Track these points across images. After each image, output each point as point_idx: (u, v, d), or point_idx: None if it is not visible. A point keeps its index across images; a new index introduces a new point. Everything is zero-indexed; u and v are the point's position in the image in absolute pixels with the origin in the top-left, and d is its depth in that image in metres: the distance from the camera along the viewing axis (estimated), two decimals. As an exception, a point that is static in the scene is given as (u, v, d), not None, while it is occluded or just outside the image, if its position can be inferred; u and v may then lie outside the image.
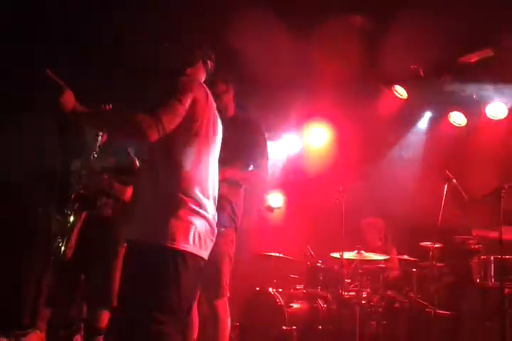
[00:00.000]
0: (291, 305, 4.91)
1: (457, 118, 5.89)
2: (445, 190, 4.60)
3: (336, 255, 4.81)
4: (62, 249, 3.39)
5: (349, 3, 4.97)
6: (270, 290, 4.97)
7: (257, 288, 5.10)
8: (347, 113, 6.00)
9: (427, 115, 6.03)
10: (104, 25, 4.69)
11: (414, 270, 4.86)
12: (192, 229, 2.27)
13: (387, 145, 5.96)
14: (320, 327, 4.80)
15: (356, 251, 4.87)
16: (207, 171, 2.41)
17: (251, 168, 3.49)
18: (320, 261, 5.12)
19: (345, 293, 4.82)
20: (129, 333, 2.21)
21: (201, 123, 2.37)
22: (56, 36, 4.71)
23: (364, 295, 4.79)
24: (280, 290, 5.03)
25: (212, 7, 4.71)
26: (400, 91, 6.12)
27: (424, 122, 6.03)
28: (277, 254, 5.27)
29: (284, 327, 4.69)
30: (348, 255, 4.81)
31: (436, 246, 4.72)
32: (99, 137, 3.45)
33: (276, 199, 6.49)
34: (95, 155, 3.47)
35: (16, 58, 4.59)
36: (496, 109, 5.63)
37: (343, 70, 5.43)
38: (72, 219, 3.43)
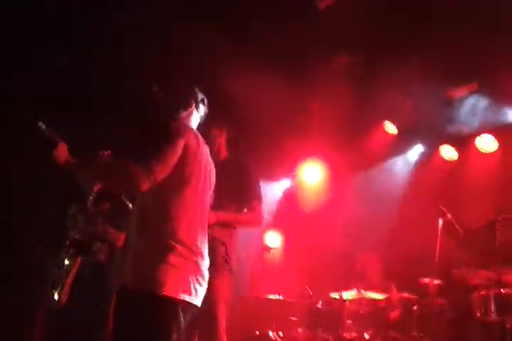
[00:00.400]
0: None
1: (448, 152, 5.93)
2: (440, 224, 4.60)
3: (336, 295, 4.75)
4: (56, 295, 3.37)
5: (335, 44, 5.12)
6: (270, 333, 4.89)
7: (257, 332, 5.02)
8: (340, 150, 6.05)
9: (418, 149, 6.06)
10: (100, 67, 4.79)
11: (415, 308, 4.79)
12: (182, 276, 2.26)
13: (379, 181, 5.98)
14: (323, 370, 4.69)
15: (355, 290, 4.81)
16: (198, 217, 2.41)
17: (245, 210, 3.50)
18: (319, 302, 5.04)
19: (347, 335, 4.72)
20: None
21: (192, 169, 2.39)
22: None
23: (366, 337, 4.70)
24: (280, 333, 4.94)
25: (204, 53, 4.83)
26: (390, 127, 6.20)
27: (415, 156, 6.06)
28: (276, 296, 5.21)
29: (286, 373, 4.59)
30: (347, 295, 4.75)
31: (436, 282, 4.67)
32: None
33: (273, 239, 6.46)
34: (91, 200, 3.49)
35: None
36: (485, 142, 5.67)
37: (333, 110, 5.53)
38: (67, 264, 3.43)
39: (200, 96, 2.66)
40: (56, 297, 3.38)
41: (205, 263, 2.42)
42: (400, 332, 4.78)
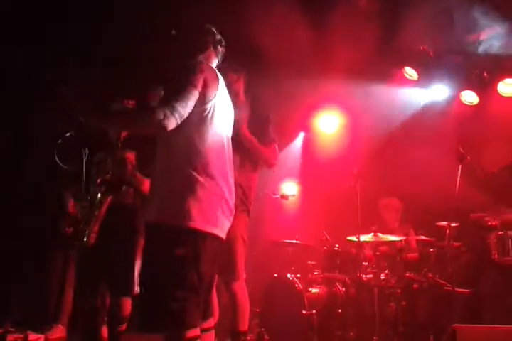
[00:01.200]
0: (310, 289, 4.92)
1: (469, 97, 5.83)
2: (460, 168, 4.57)
3: (353, 238, 4.80)
4: (87, 233, 3.46)
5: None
6: (288, 276, 4.98)
7: (275, 275, 5.12)
8: (358, 98, 5.97)
9: (438, 94, 5.96)
10: (116, 14, 4.75)
11: (432, 250, 4.84)
12: (209, 209, 2.31)
13: (399, 126, 5.92)
14: (340, 310, 4.79)
15: (372, 234, 4.86)
16: (222, 151, 2.44)
17: None
18: (337, 245, 5.11)
19: (364, 276, 4.80)
20: (151, 311, 2.28)
21: (213, 104, 2.40)
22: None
23: (382, 277, 4.77)
24: (298, 275, 5.04)
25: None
26: (410, 73, 6.09)
27: (435, 102, 5.96)
28: (294, 241, 5.28)
29: (303, 312, 4.70)
30: (365, 237, 4.80)
31: (453, 225, 4.68)
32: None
33: (290, 187, 6.48)
34: (119, 146, 3.53)
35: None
36: (507, 86, 5.56)
37: (352, 54, 5.42)
38: (97, 202, 3.51)
39: (218, 37, 2.63)
40: (86, 235, 3.46)
41: (232, 197, 2.46)
42: (415, 273, 4.85)
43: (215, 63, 2.64)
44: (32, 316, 4.95)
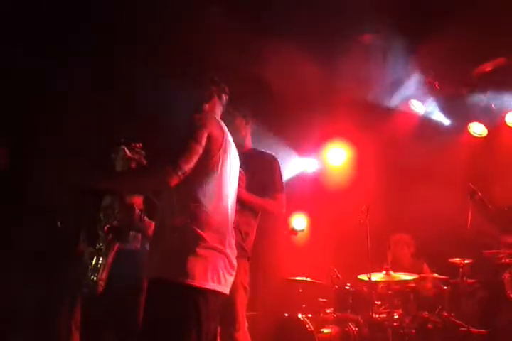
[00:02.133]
0: (322, 330, 4.80)
1: (477, 129, 5.80)
2: (470, 203, 4.52)
3: (364, 277, 4.70)
4: (95, 281, 3.43)
5: (359, 22, 5.03)
6: (299, 316, 4.88)
7: (286, 314, 5.02)
8: (365, 131, 5.96)
9: (447, 127, 5.93)
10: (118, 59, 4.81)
11: (446, 288, 4.73)
12: (211, 265, 2.28)
13: (407, 162, 5.86)
14: (353, 351, 4.67)
15: (384, 272, 4.76)
16: (225, 206, 2.42)
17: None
18: (348, 284, 5.01)
19: (377, 316, 4.68)
20: None
21: (218, 158, 2.39)
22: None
23: (396, 317, 4.65)
24: (310, 315, 4.93)
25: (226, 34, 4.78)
26: (417, 106, 6.08)
27: (443, 135, 5.93)
28: (304, 278, 5.18)
29: (316, 354, 4.58)
30: (376, 276, 4.70)
31: (466, 261, 4.59)
32: None
33: (299, 222, 6.42)
34: None
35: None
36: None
37: (359, 89, 5.45)
38: (104, 250, 3.48)
39: (222, 86, 2.65)
40: (94, 283, 3.43)
41: (234, 252, 2.43)
42: (430, 313, 4.73)
43: (219, 111, 2.64)
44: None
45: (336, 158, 6.61)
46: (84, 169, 2.52)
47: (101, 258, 3.47)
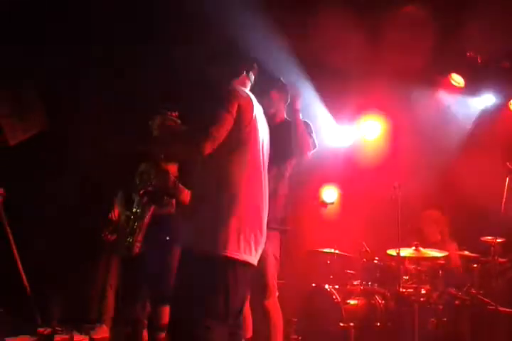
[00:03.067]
0: (348, 301, 4.86)
1: (518, 106, 5.63)
2: (507, 182, 4.44)
3: (393, 252, 4.70)
4: (132, 243, 3.54)
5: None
6: (326, 286, 4.94)
7: (313, 285, 5.08)
8: (402, 104, 5.86)
9: (486, 103, 5.77)
10: (155, 38, 4.82)
11: (475, 266, 4.70)
12: (242, 236, 2.33)
13: (444, 136, 5.76)
14: (378, 324, 4.72)
15: (414, 248, 4.74)
16: (258, 178, 2.45)
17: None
18: (376, 258, 5.02)
19: (404, 290, 4.70)
20: (177, 334, 2.31)
21: (249, 130, 2.42)
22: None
23: (423, 292, 4.66)
24: (337, 286, 4.98)
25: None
26: (457, 80, 5.92)
27: (483, 111, 5.78)
28: (332, 250, 5.22)
29: (341, 324, 4.65)
30: (406, 252, 4.69)
31: (499, 240, 4.54)
32: None
33: (330, 194, 6.41)
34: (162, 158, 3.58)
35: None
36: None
37: (399, 61, 5.32)
38: (140, 213, 3.58)
39: (252, 62, 2.68)
40: (130, 245, 3.53)
41: (265, 223, 2.48)
42: (458, 289, 4.72)
43: (249, 86, 2.67)
44: (75, 316, 5.10)
45: (370, 130, 6.54)
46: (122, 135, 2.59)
47: (137, 221, 3.58)
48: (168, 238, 3.71)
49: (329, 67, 5.36)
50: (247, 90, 2.61)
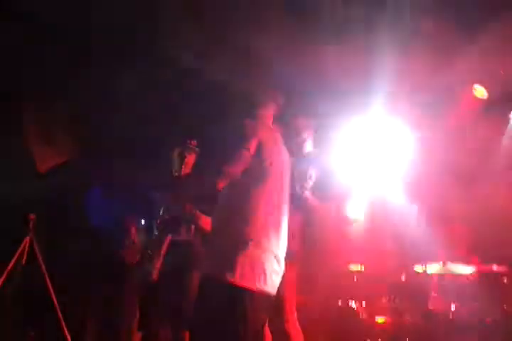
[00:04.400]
0: (376, 319, 4.82)
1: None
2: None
3: (420, 269, 4.64)
4: (149, 270, 3.60)
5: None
6: (353, 305, 4.90)
7: (339, 302, 5.05)
8: (426, 120, 5.80)
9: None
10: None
11: (506, 281, 4.61)
12: (259, 266, 2.37)
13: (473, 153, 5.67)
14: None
15: (441, 262, 4.68)
16: (278, 209, 2.50)
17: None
18: (403, 275, 4.97)
19: (432, 307, 4.64)
20: None
21: (269, 163, 2.47)
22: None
23: (452, 309, 4.59)
24: (364, 304, 4.94)
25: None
26: (480, 91, 5.84)
27: (505, 123, 5.70)
28: (359, 268, 5.19)
29: (368, 342, 4.61)
30: (433, 268, 4.63)
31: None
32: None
33: (355, 210, 6.37)
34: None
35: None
36: None
37: (418, 74, 5.29)
38: (157, 241, 3.65)
39: (278, 93, 2.70)
40: (148, 272, 3.59)
41: (283, 253, 2.52)
42: (488, 305, 4.62)
43: (272, 117, 2.69)
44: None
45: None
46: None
47: (154, 248, 3.64)
48: (186, 264, 3.75)
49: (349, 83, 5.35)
50: (271, 121, 2.65)
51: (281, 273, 2.49)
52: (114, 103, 5.22)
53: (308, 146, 3.55)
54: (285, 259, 2.84)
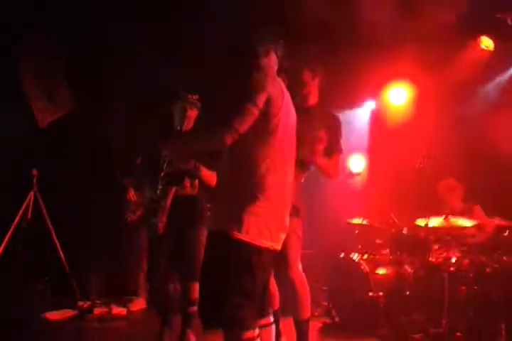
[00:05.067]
0: (377, 271, 4.89)
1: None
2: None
3: (422, 223, 4.67)
4: (154, 223, 3.63)
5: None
6: (354, 257, 4.98)
7: (342, 255, 5.13)
8: (429, 69, 5.71)
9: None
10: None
11: (507, 234, 4.66)
12: (264, 223, 2.38)
13: (471, 103, 5.62)
14: (407, 293, 4.74)
15: (444, 217, 4.70)
16: (284, 165, 2.48)
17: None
18: (405, 229, 5.01)
19: (433, 259, 4.70)
20: (209, 314, 2.40)
21: (277, 121, 2.42)
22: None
23: (453, 261, 4.65)
24: (365, 256, 5.02)
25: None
26: (487, 43, 5.73)
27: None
28: (360, 221, 5.23)
29: (370, 294, 4.70)
30: (435, 221, 4.65)
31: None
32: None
33: (357, 164, 6.38)
34: None
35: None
36: None
37: (425, 23, 5.16)
38: (161, 195, 3.66)
39: (279, 41, 2.62)
40: (154, 225, 3.62)
41: (288, 210, 2.53)
42: (489, 257, 4.69)
43: (276, 66, 2.62)
44: (114, 290, 5.29)
45: (397, 97, 6.43)
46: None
47: (158, 202, 3.65)
48: (192, 219, 3.78)
49: (355, 36, 5.24)
50: (275, 70, 2.57)
51: (286, 229, 2.52)
52: (114, 57, 5.12)
53: (313, 98, 3.50)
54: (290, 215, 2.87)
